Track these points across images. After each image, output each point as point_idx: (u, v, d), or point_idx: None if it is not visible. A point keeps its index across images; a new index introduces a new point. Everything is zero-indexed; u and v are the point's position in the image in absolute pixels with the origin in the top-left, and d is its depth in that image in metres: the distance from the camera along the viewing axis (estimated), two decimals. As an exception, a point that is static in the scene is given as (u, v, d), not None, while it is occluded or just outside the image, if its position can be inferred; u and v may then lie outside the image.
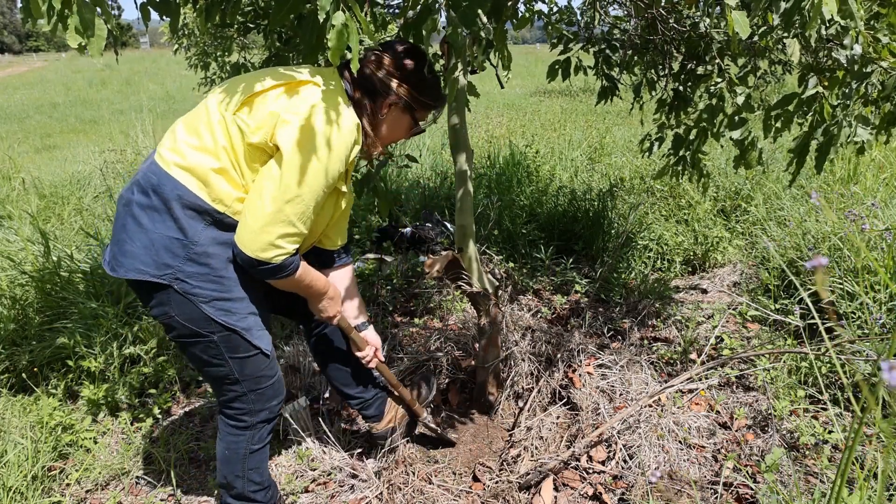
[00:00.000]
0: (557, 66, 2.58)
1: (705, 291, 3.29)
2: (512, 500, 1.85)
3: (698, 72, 2.33)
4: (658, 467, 1.91)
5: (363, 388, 1.95)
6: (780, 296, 2.90)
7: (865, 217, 2.94)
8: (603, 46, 2.58)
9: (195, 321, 1.42)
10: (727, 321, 2.87)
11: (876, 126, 1.87)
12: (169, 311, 1.41)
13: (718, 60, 2.04)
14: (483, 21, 1.36)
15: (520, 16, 2.39)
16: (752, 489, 1.78)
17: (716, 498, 1.80)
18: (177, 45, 6.08)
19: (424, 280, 3.25)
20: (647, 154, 2.56)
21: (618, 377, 2.37)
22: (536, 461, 2.01)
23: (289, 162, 1.31)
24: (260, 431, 1.64)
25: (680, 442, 2.03)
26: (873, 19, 1.77)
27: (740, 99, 1.96)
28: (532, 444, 2.09)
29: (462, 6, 1.35)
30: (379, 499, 1.89)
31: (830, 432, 1.98)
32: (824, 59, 1.89)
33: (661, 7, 2.25)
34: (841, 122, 1.78)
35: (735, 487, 1.85)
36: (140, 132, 7.77)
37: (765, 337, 2.62)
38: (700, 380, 2.36)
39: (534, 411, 2.26)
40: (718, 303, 3.05)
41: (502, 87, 2.15)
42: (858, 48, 1.66)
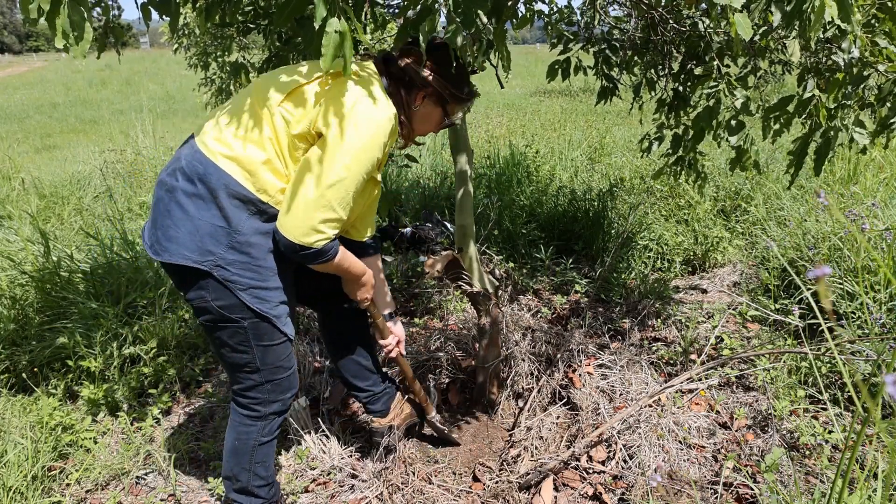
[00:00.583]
0: (557, 66, 2.57)
1: (705, 291, 3.29)
2: (512, 500, 1.85)
3: (697, 72, 2.32)
4: (658, 468, 1.91)
5: (373, 382, 1.98)
6: (780, 296, 2.90)
7: (865, 217, 2.94)
8: (603, 46, 2.58)
9: (230, 307, 1.46)
10: (727, 321, 2.87)
11: (871, 133, 1.87)
12: (206, 296, 1.45)
13: (717, 62, 2.04)
14: (483, 21, 1.36)
15: (520, 16, 2.39)
16: (752, 489, 1.78)
17: (716, 498, 1.81)
18: (177, 45, 6.08)
19: (424, 280, 3.25)
20: (647, 153, 2.57)
21: (618, 377, 2.37)
22: (536, 461, 2.02)
23: (331, 148, 1.35)
24: (271, 423, 1.68)
25: (680, 442, 2.04)
26: (872, 22, 1.77)
27: (738, 102, 1.96)
28: (532, 444, 2.09)
29: (462, 6, 1.35)
30: (379, 499, 1.89)
31: (830, 432, 1.98)
32: (824, 61, 1.89)
33: (662, 7, 2.25)
34: (837, 126, 1.78)
35: (735, 487, 1.85)
36: (140, 132, 7.77)
37: (765, 337, 2.62)
38: (700, 380, 2.36)
39: (534, 411, 2.26)
40: (718, 303, 3.05)
41: (502, 87, 2.15)
42: (856, 51, 1.66)
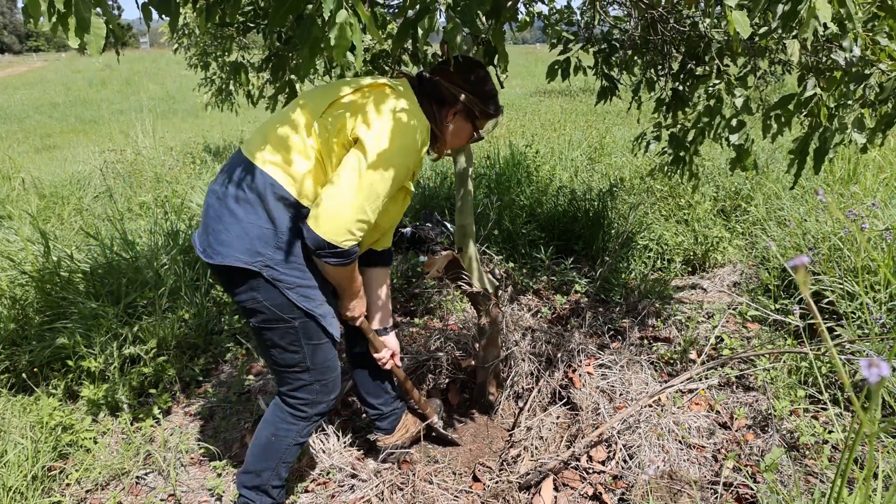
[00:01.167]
0: (557, 67, 2.57)
1: (705, 291, 3.29)
2: (512, 500, 1.85)
3: (697, 72, 2.33)
4: (657, 466, 1.91)
5: (385, 402, 2.02)
6: (780, 296, 2.90)
7: (865, 217, 2.94)
8: (603, 46, 2.58)
9: (280, 307, 1.52)
10: (727, 321, 2.87)
11: (871, 130, 1.87)
12: (257, 297, 1.51)
13: (717, 61, 2.04)
14: (482, 21, 1.37)
15: (520, 19, 2.39)
16: (752, 489, 1.78)
17: (716, 498, 1.80)
18: (177, 45, 6.09)
19: (424, 280, 3.25)
20: (644, 151, 2.57)
21: (618, 377, 2.37)
22: (536, 461, 2.02)
23: (368, 154, 1.42)
24: (311, 425, 1.72)
25: (680, 442, 2.03)
26: (872, 21, 1.77)
27: (739, 101, 1.96)
28: (532, 444, 2.09)
29: (461, 6, 1.35)
30: (379, 498, 1.89)
31: (830, 432, 1.98)
32: (824, 60, 1.89)
33: (661, 7, 2.25)
34: (835, 126, 1.78)
35: (735, 487, 1.85)
36: (140, 132, 7.78)
37: (765, 337, 2.62)
38: (700, 380, 2.36)
39: (534, 411, 2.26)
40: (718, 303, 3.05)
41: (501, 87, 2.14)
42: (857, 50, 1.66)
